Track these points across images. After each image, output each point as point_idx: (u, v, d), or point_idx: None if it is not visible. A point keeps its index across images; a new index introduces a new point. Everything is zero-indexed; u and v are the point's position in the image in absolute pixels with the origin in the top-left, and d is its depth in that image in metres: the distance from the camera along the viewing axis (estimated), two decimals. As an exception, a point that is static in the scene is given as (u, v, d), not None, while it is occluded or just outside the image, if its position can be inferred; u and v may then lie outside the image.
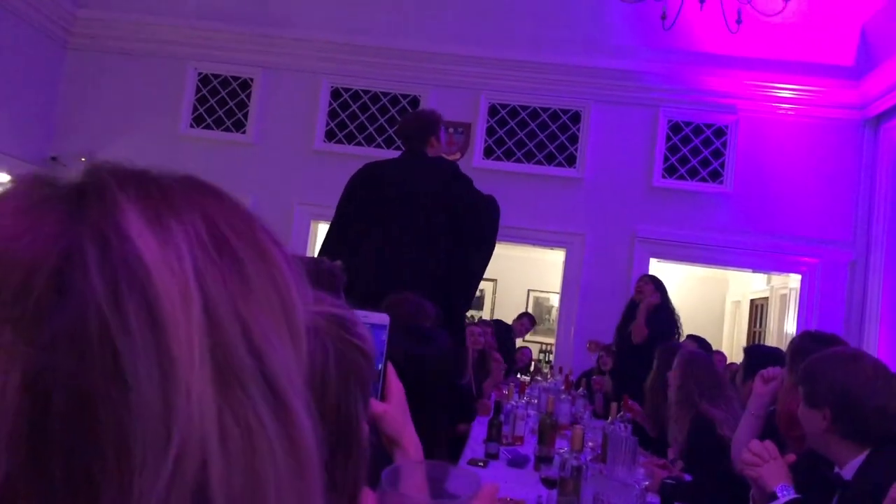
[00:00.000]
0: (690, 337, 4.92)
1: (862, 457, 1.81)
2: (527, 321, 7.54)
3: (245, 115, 7.28)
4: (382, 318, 1.10)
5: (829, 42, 6.67)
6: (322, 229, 7.56)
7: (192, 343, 0.40)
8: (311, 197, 7.06)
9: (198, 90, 7.33)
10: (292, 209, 7.10)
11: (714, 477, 2.58)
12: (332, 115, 7.25)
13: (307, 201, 7.08)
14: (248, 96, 7.29)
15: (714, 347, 6.23)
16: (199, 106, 7.32)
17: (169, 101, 7.28)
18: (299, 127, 7.20)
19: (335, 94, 7.26)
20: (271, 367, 0.43)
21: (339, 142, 7.22)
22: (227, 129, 7.30)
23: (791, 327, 7.46)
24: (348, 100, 7.25)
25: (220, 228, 0.44)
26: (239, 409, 0.41)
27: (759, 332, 8.88)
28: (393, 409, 1.17)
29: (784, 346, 7.13)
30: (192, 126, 7.30)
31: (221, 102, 7.31)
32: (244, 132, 7.27)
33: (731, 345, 9.38)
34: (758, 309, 9.10)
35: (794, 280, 7.24)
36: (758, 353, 3.27)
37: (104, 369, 0.38)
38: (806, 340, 2.53)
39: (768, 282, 8.57)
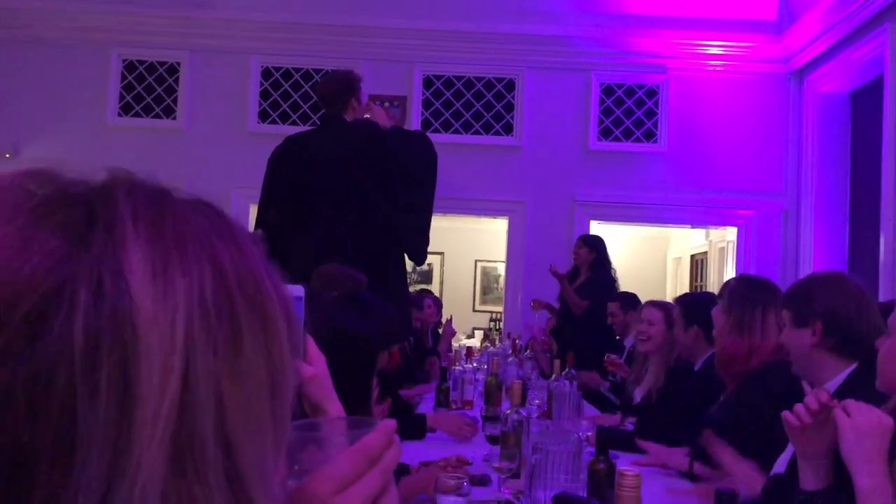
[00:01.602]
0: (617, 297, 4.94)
1: (842, 376, 1.89)
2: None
3: (174, 101, 7.12)
4: (298, 290, 1.09)
5: (752, -2, 6.81)
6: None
7: (157, 423, 0.36)
8: (248, 180, 6.92)
9: (123, 77, 7.13)
10: (229, 194, 6.98)
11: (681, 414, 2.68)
12: (265, 95, 7.14)
13: (244, 184, 6.96)
14: (177, 81, 7.13)
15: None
16: (125, 94, 7.13)
17: (94, 90, 7.07)
18: (231, 109, 7.07)
19: (266, 73, 7.14)
20: (240, 462, 0.39)
21: (273, 122, 7.11)
22: (157, 116, 7.13)
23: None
24: (280, 79, 7.15)
25: (228, 284, 0.40)
26: (189, 499, 0.37)
27: (701, 286, 9.11)
28: (320, 373, 1.17)
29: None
30: (120, 115, 7.11)
31: (149, 89, 7.13)
32: (174, 118, 7.11)
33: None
34: (698, 264, 9.33)
35: (731, 233, 7.43)
36: (693, 301, 3.36)
37: (56, 434, 0.34)
38: (742, 284, 2.62)
39: (707, 236, 8.78)
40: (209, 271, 0.40)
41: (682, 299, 3.26)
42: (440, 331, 5.55)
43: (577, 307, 4.71)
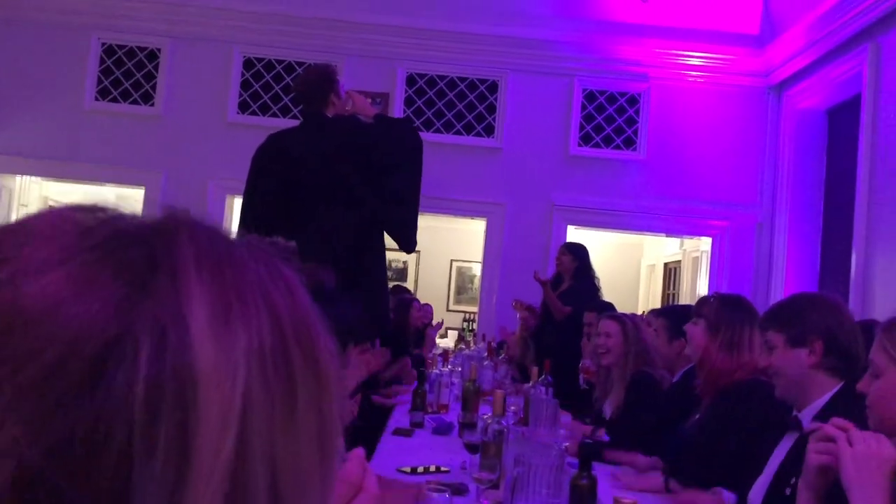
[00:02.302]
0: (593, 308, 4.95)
1: (825, 398, 1.91)
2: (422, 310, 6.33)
3: (153, 88, 7.02)
4: None
5: (735, 11, 6.87)
6: (238, 204, 7.39)
7: (211, 481, 0.34)
8: (226, 171, 6.88)
9: (102, 62, 7.01)
10: (206, 184, 6.91)
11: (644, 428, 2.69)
12: (245, 85, 7.07)
13: (221, 176, 6.91)
14: (157, 67, 7.02)
15: (631, 311, 6.41)
16: (103, 78, 7.01)
17: (72, 73, 6.94)
18: (211, 99, 6.99)
19: (247, 64, 7.07)
20: None
21: (254, 113, 7.04)
22: (135, 102, 7.02)
23: (703, 289, 7.74)
24: (261, 70, 7.08)
25: (285, 334, 0.39)
26: None
27: (673, 294, 9.19)
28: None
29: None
30: (97, 99, 6.99)
31: (128, 74, 7.02)
32: (153, 105, 7.00)
33: (647, 307, 9.67)
34: (671, 272, 9.41)
35: (705, 243, 7.50)
36: (679, 313, 3.37)
37: (110, 490, 0.33)
38: (726, 304, 2.65)
39: (681, 245, 8.86)
40: (267, 321, 0.38)
41: (666, 312, 3.28)
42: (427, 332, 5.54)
43: (560, 313, 4.72)
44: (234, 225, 7.31)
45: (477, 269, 9.53)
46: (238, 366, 0.36)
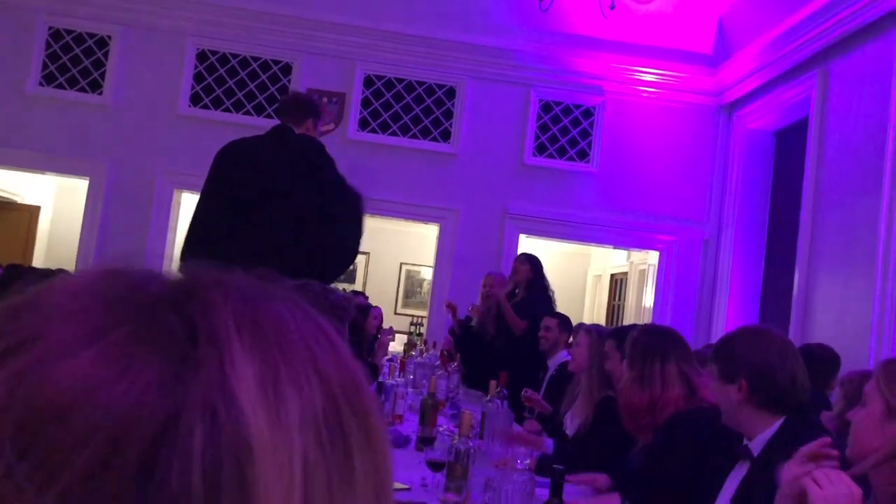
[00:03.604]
0: (554, 315, 5.01)
1: (773, 429, 1.92)
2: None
3: (102, 76, 6.79)
4: None
5: (690, 30, 7.01)
6: (186, 199, 7.22)
7: None
8: (175, 165, 6.71)
9: (48, 46, 6.76)
10: (154, 178, 6.73)
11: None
12: (198, 78, 6.90)
13: (170, 169, 6.73)
14: (106, 55, 6.80)
15: (576, 320, 6.47)
16: (49, 63, 6.76)
17: (16, 56, 6.68)
18: (162, 90, 6.80)
19: (201, 56, 6.91)
20: None
21: (206, 107, 6.89)
22: (83, 90, 6.79)
23: (648, 301, 7.88)
24: (215, 63, 6.92)
25: (335, 396, 0.36)
26: None
27: (619, 306, 9.32)
28: None
29: (642, 320, 7.50)
30: (41, 84, 6.74)
31: (75, 60, 6.78)
32: (101, 93, 6.78)
33: (592, 317, 9.80)
34: (617, 283, 9.54)
35: (652, 256, 7.63)
36: (626, 332, 3.40)
37: None
38: (641, 336, 2.60)
39: (628, 257, 8.99)
40: (316, 382, 0.36)
41: (614, 333, 3.28)
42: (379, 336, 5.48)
43: (517, 328, 4.73)
44: (181, 223, 7.13)
45: (426, 273, 9.51)
46: (293, 436, 0.33)
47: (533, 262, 5.07)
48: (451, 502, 1.90)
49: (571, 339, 3.94)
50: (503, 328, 4.87)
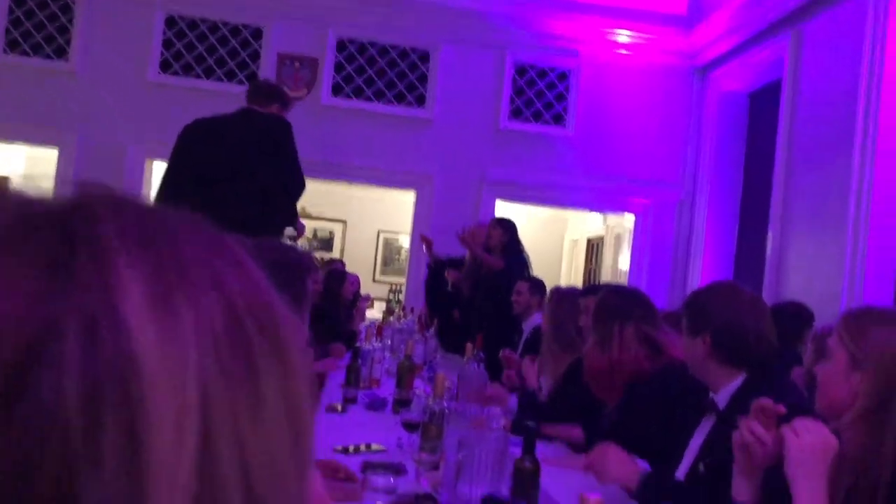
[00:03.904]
0: (527, 279, 5.01)
1: (737, 382, 1.95)
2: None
3: (67, 42, 6.64)
4: None
5: (665, -9, 6.97)
6: (158, 168, 7.12)
7: (174, 492, 0.30)
8: (146, 133, 6.61)
9: (11, 11, 6.58)
10: (124, 147, 6.62)
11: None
12: (167, 44, 6.77)
13: (141, 138, 6.63)
14: (71, 21, 6.64)
15: (554, 284, 6.50)
16: (13, 30, 6.59)
17: (-25, 22, 6.50)
18: (130, 57, 6.66)
19: (169, 21, 6.77)
20: None
21: (176, 73, 6.77)
22: (48, 57, 6.63)
23: (624, 264, 7.93)
24: (184, 28, 6.79)
25: (238, 313, 0.34)
26: None
27: (595, 270, 9.38)
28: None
29: (620, 282, 7.55)
30: (5, 52, 6.57)
31: (39, 26, 6.61)
32: (67, 60, 6.64)
33: (569, 282, 9.86)
34: (594, 247, 9.59)
35: (628, 220, 7.66)
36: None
37: None
38: (604, 298, 2.61)
39: (604, 221, 9.03)
40: (217, 300, 0.34)
41: (594, 290, 3.28)
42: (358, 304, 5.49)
43: (493, 265, 4.75)
44: (154, 192, 7.04)
45: (404, 241, 9.49)
46: (187, 351, 0.32)
47: (505, 226, 5.07)
48: (426, 461, 1.92)
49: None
50: (480, 288, 4.88)
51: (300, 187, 3.68)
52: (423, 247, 5.71)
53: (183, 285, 0.33)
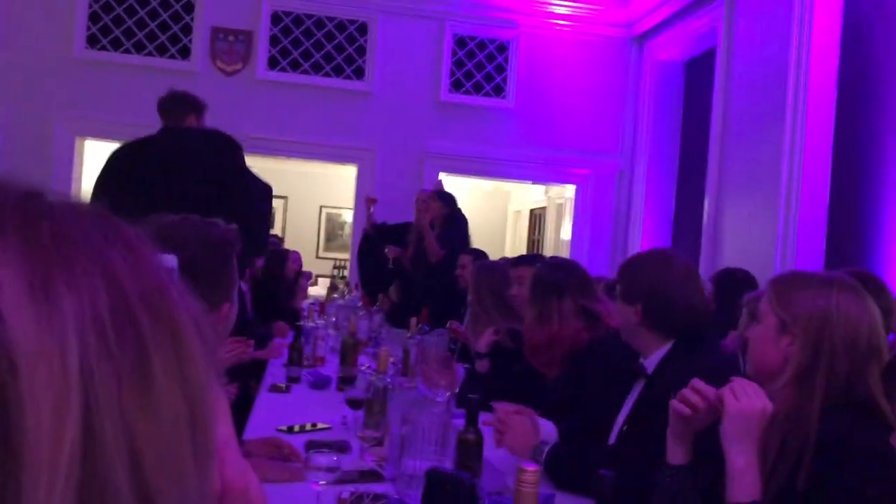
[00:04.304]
0: (469, 251, 5.02)
1: (666, 348, 1.99)
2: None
3: (-14, 16, 6.34)
4: (170, 260, 0.96)
5: (601, -38, 6.99)
6: (89, 146, 6.89)
7: (55, 479, 0.29)
8: (74, 111, 6.38)
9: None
10: (51, 126, 6.38)
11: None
12: (94, 18, 6.52)
13: (69, 116, 6.40)
14: (-11, -6, 6.34)
15: (499, 255, 6.54)
16: (-75, 3, 6.26)
17: None
18: (55, 31, 6.40)
19: (96, -6, 6.51)
20: None
21: (104, 49, 6.53)
22: (-35, 32, 6.32)
23: (567, 234, 8.02)
24: (111, 2, 6.54)
25: (126, 297, 0.33)
26: None
27: (538, 240, 9.47)
28: None
29: (561, 253, 7.63)
30: (-82, 26, 6.25)
31: (-45, 0, 6.30)
32: (-14, 35, 6.34)
33: (514, 252, 9.93)
34: (537, 218, 9.67)
35: (569, 190, 7.74)
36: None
37: None
38: (541, 272, 2.63)
39: (546, 192, 9.10)
40: (102, 284, 0.33)
41: (531, 259, 3.29)
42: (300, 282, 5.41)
43: (435, 255, 4.73)
44: (85, 172, 6.82)
45: (347, 216, 9.41)
46: (67, 336, 0.31)
47: (445, 199, 5.05)
48: (370, 438, 1.92)
49: None
50: (420, 263, 4.87)
51: (267, 201, 3.25)
52: (370, 208, 5.63)
53: (65, 273, 0.32)
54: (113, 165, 3.00)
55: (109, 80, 6.43)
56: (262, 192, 3.16)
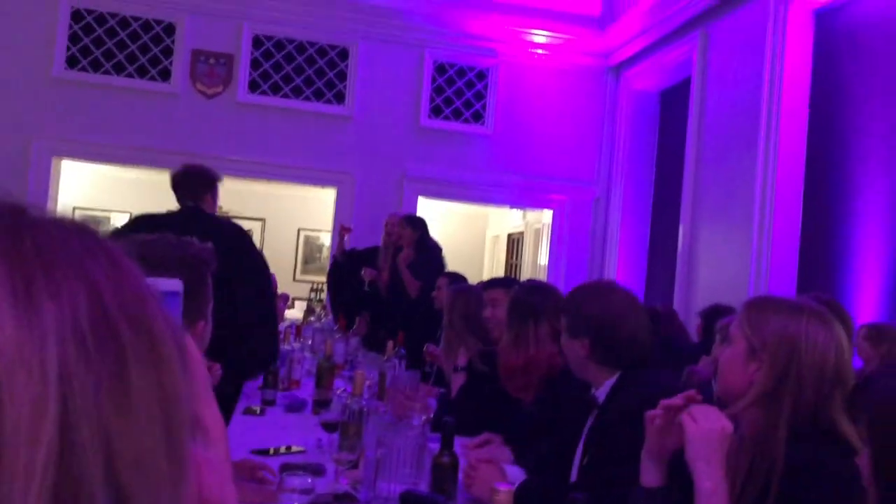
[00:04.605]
0: (445, 274, 5.02)
1: (609, 383, 2.00)
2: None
3: (-36, 35, 6.32)
4: (174, 284, 0.97)
5: (579, -8, 7.12)
6: (66, 167, 6.86)
7: (31, 478, 0.30)
8: (52, 130, 6.36)
9: None
10: (29, 145, 6.35)
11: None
12: (74, 39, 6.52)
13: (46, 135, 6.37)
14: (-32, 13, 6.32)
15: (476, 279, 6.55)
16: None
17: None
18: (33, 51, 6.39)
19: (76, 15, 6.52)
20: None
21: (84, 69, 6.52)
22: (-58, 51, 6.29)
23: (544, 259, 8.07)
24: (92, 23, 6.55)
25: (106, 305, 0.34)
26: None
27: (516, 265, 9.51)
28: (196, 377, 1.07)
29: (538, 277, 7.66)
30: None
31: (-68, 18, 6.27)
32: (-36, 54, 6.31)
33: (492, 275, 9.95)
34: (514, 243, 9.72)
35: (546, 215, 7.80)
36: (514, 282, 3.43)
37: None
38: (518, 295, 2.62)
39: (524, 217, 9.15)
40: (83, 292, 0.34)
41: (505, 282, 3.27)
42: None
43: (413, 289, 4.73)
44: (62, 193, 6.77)
45: (325, 238, 9.40)
46: (46, 341, 0.32)
47: (415, 224, 5.05)
48: (345, 460, 1.91)
49: None
50: (396, 288, 4.87)
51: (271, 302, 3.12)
52: (344, 237, 5.58)
53: (46, 282, 0.33)
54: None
55: (88, 101, 6.42)
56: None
